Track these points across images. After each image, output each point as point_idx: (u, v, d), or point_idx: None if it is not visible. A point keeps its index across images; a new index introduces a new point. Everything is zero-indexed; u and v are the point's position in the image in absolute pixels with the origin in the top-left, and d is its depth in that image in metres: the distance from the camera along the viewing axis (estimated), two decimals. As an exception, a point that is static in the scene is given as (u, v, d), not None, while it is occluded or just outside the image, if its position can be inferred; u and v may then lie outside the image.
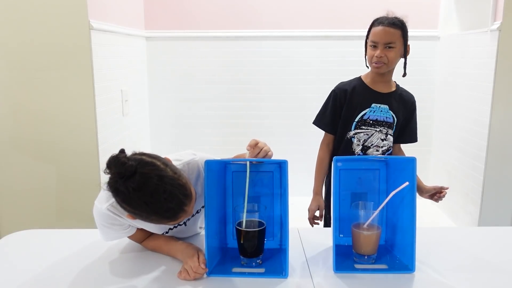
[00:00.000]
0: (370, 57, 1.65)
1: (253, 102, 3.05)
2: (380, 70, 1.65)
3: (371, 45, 1.64)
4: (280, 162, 1.12)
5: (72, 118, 2.06)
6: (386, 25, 1.61)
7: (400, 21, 1.64)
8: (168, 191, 0.93)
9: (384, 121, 1.69)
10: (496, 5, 2.24)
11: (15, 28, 1.97)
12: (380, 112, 1.68)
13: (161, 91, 3.06)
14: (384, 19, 1.64)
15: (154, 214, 0.95)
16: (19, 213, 2.14)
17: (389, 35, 1.61)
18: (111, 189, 0.94)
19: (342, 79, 1.80)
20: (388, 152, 1.72)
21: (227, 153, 1.18)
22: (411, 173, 1.08)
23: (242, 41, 2.97)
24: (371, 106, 1.68)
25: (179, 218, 0.98)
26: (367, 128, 1.69)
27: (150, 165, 0.94)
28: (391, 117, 1.69)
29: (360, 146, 1.70)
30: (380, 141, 1.69)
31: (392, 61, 1.63)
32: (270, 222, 1.18)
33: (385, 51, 1.61)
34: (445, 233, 1.37)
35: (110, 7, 2.36)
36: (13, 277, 1.07)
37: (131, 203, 0.94)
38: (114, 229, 1.11)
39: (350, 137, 1.70)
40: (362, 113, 1.69)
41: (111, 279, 1.06)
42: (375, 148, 1.69)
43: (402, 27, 1.64)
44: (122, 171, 0.91)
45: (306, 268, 1.11)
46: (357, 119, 1.69)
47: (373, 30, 1.65)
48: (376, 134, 1.68)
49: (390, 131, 1.70)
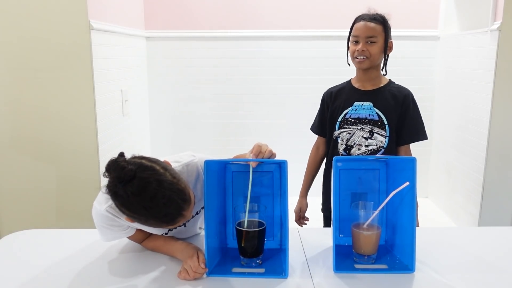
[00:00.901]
0: (352, 53, 1.63)
1: (253, 102, 3.05)
2: (362, 65, 1.62)
3: (353, 40, 1.63)
4: (280, 162, 1.12)
5: (72, 118, 2.07)
6: (367, 20, 1.61)
7: (381, 17, 1.64)
8: (167, 196, 0.93)
9: (366, 119, 1.64)
10: (496, 5, 2.24)
11: (15, 28, 1.97)
12: (363, 109, 1.65)
13: (161, 91, 3.06)
14: (365, 15, 1.65)
15: (152, 219, 0.95)
16: (19, 213, 2.14)
17: (371, 30, 1.60)
18: (110, 193, 0.94)
19: (342, 79, 1.80)
20: (380, 153, 1.66)
21: (227, 153, 1.19)
22: (411, 173, 1.08)
23: (242, 41, 2.97)
24: (354, 104, 1.66)
25: (178, 222, 0.98)
26: (349, 127, 1.66)
27: (149, 170, 0.95)
28: (376, 114, 1.63)
29: (343, 145, 1.67)
30: (362, 139, 1.64)
31: (374, 55, 1.60)
32: (270, 222, 1.18)
33: (367, 46, 1.59)
34: (445, 233, 1.37)
35: (110, 7, 2.36)
36: (13, 277, 1.07)
37: (129, 207, 0.94)
38: (113, 230, 1.11)
39: (335, 137, 1.69)
40: (344, 112, 1.67)
41: (111, 279, 1.06)
42: (357, 147, 1.65)
43: (383, 22, 1.62)
44: (121, 175, 0.91)
45: (306, 268, 1.11)
46: (340, 119, 1.67)
47: (355, 26, 1.65)
48: (357, 132, 1.65)
49: (377, 129, 1.64)
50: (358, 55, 1.60)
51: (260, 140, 1.12)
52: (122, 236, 1.16)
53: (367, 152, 1.65)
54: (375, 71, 1.66)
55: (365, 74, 1.66)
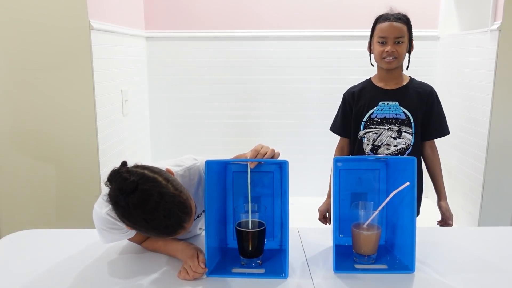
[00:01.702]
0: (379, 54, 1.63)
1: (253, 102, 3.05)
2: (391, 66, 1.63)
3: (380, 41, 1.63)
4: (281, 163, 1.12)
5: (72, 118, 2.06)
6: (393, 20, 1.62)
7: (405, 16, 1.65)
8: (168, 209, 0.93)
9: (393, 118, 1.66)
10: (496, 5, 2.24)
11: (15, 28, 1.97)
12: (389, 109, 1.66)
13: (161, 91, 3.06)
14: (389, 14, 1.64)
15: (152, 230, 0.96)
16: (19, 213, 2.14)
17: (398, 30, 1.61)
18: (111, 202, 0.95)
19: (342, 79, 1.82)
20: (408, 151, 1.67)
21: (227, 153, 1.18)
22: (411, 173, 1.08)
23: (242, 41, 2.97)
24: (379, 104, 1.67)
25: (178, 233, 0.98)
26: (375, 127, 1.67)
27: (151, 181, 0.94)
28: (402, 113, 1.65)
29: (370, 145, 1.68)
30: (391, 139, 1.66)
31: (402, 55, 1.62)
32: (270, 222, 1.18)
33: (395, 46, 1.61)
34: (445, 233, 1.37)
35: (110, 7, 2.36)
36: (13, 277, 1.07)
37: (130, 218, 0.94)
38: (114, 232, 1.11)
39: (360, 138, 1.70)
40: (369, 112, 1.68)
41: (111, 279, 1.06)
42: (385, 147, 1.67)
43: (407, 22, 1.64)
44: (123, 186, 0.91)
45: (306, 268, 1.11)
46: (365, 119, 1.68)
47: (379, 27, 1.64)
48: (385, 132, 1.66)
49: (405, 128, 1.66)
50: (387, 55, 1.61)
51: (260, 140, 1.12)
52: (122, 238, 1.16)
53: (396, 152, 1.67)
54: (399, 70, 1.68)
55: (389, 73, 1.67)
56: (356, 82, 2.65)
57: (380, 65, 1.67)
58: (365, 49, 1.74)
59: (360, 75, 2.90)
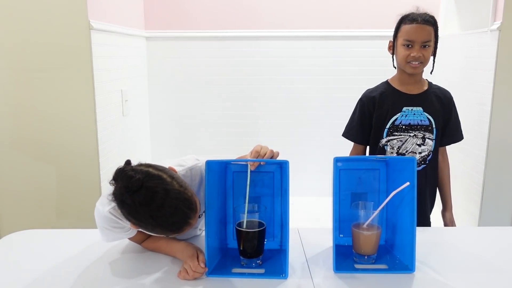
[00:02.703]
0: (404, 57, 1.52)
1: (253, 102, 3.05)
2: (417, 71, 1.53)
3: (405, 44, 1.51)
4: (281, 163, 1.12)
5: (72, 118, 2.06)
6: (420, 22, 1.50)
7: (432, 18, 1.54)
8: (174, 206, 0.94)
9: (418, 125, 1.57)
10: (496, 5, 2.24)
11: (15, 28, 1.97)
12: (413, 115, 1.57)
13: (161, 91, 3.06)
14: (416, 15, 1.52)
15: (159, 227, 0.96)
16: (19, 213, 2.13)
17: (426, 33, 1.50)
18: (116, 201, 0.96)
19: (342, 79, 1.80)
20: (429, 158, 1.60)
21: (227, 153, 1.18)
22: (411, 173, 1.08)
23: (242, 41, 2.97)
24: (402, 110, 1.57)
25: (184, 230, 0.99)
26: (400, 134, 1.57)
27: (156, 179, 0.95)
28: (426, 119, 1.57)
29: (394, 153, 1.59)
30: (416, 146, 1.57)
31: (427, 60, 1.53)
32: (270, 222, 1.18)
33: (422, 50, 1.50)
34: (445, 233, 1.37)
35: (110, 7, 2.36)
36: (13, 277, 1.07)
37: (136, 216, 0.95)
38: (115, 231, 1.11)
39: (382, 145, 1.60)
40: (393, 119, 1.57)
41: (111, 279, 1.06)
42: (410, 154, 1.58)
43: (434, 24, 1.53)
44: (129, 185, 0.92)
45: (306, 268, 1.11)
46: (388, 126, 1.58)
47: (405, 28, 1.53)
48: (410, 139, 1.57)
49: (428, 134, 1.58)
50: (414, 60, 1.51)
51: (260, 140, 1.12)
52: (123, 237, 1.16)
53: (420, 159, 1.59)
54: (421, 73, 1.59)
55: (412, 77, 1.57)
56: (356, 82, 2.64)
57: (404, 69, 1.56)
58: (364, 49, 1.73)
59: (360, 75, 2.92)
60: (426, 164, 1.61)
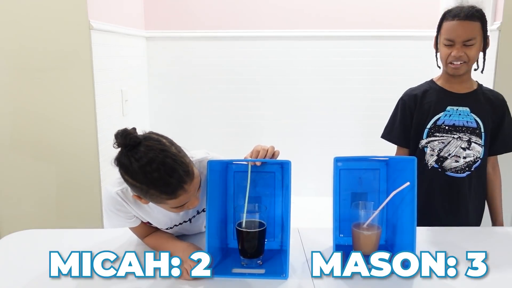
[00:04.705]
0: (445, 56, 1.41)
1: (253, 102, 3.05)
2: (459, 71, 1.41)
3: (446, 43, 1.40)
4: (283, 163, 1.12)
5: (72, 118, 2.06)
6: (462, 19, 1.36)
7: (478, 11, 1.38)
8: (169, 164, 0.95)
9: (464, 126, 1.43)
10: (496, 5, 2.24)
11: (15, 28, 1.97)
12: (459, 115, 1.44)
13: (161, 91, 3.06)
14: (459, 10, 1.38)
15: (153, 188, 0.96)
16: (19, 213, 2.13)
17: (468, 31, 1.36)
18: (116, 162, 0.98)
19: (342, 79, 1.78)
20: (476, 165, 1.46)
21: (227, 153, 1.18)
22: (411, 173, 1.08)
23: (242, 41, 2.97)
24: (446, 109, 1.44)
25: (179, 196, 0.98)
26: (442, 135, 1.44)
27: (155, 140, 0.98)
28: (474, 121, 1.43)
29: (434, 156, 1.46)
30: (460, 150, 1.44)
31: (472, 59, 1.40)
32: (271, 223, 1.18)
33: (464, 49, 1.37)
34: (445, 233, 1.37)
35: (110, 7, 2.36)
36: (13, 277, 1.07)
37: (132, 174, 0.96)
38: (119, 215, 1.12)
39: (422, 147, 1.48)
40: (435, 118, 1.45)
41: (112, 279, 1.06)
42: (453, 158, 1.45)
43: (481, 18, 1.38)
44: (127, 141, 0.95)
45: (306, 268, 1.11)
46: (430, 126, 1.46)
47: (446, 25, 1.40)
48: (454, 141, 1.44)
49: (474, 138, 1.44)
50: (454, 60, 1.39)
51: (260, 139, 1.12)
52: (126, 225, 1.17)
53: (464, 165, 1.46)
54: (468, 73, 1.46)
55: (457, 77, 1.45)
56: (356, 83, 2.63)
57: (446, 69, 1.45)
58: (366, 48, 1.71)
59: (361, 75, 2.92)
60: (471, 171, 1.47)
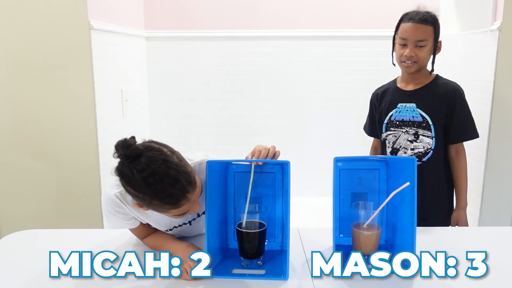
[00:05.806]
0: (399, 56, 1.57)
1: (253, 102, 3.05)
2: (410, 70, 1.56)
3: (401, 43, 1.55)
4: (283, 163, 1.12)
5: (72, 118, 2.06)
6: (416, 21, 1.51)
7: (432, 17, 1.54)
8: (172, 175, 0.95)
9: (410, 121, 1.59)
10: (496, 5, 2.24)
11: (15, 28, 1.97)
12: (406, 111, 1.60)
13: (161, 91, 3.06)
14: (414, 14, 1.54)
15: (156, 198, 0.96)
16: (19, 213, 2.13)
17: (420, 33, 1.51)
18: (117, 172, 0.97)
19: (342, 79, 1.81)
20: (428, 156, 1.59)
21: (227, 153, 1.19)
22: (411, 173, 1.08)
23: (242, 41, 2.97)
24: (397, 106, 1.62)
25: (182, 205, 0.98)
26: (394, 129, 1.63)
27: (156, 150, 0.97)
28: (419, 115, 1.58)
29: (390, 148, 1.65)
30: (407, 142, 1.60)
31: (423, 60, 1.54)
32: (271, 223, 1.18)
33: (416, 50, 1.52)
34: (445, 233, 1.37)
35: (110, 7, 2.36)
36: (13, 277, 1.07)
37: (134, 186, 0.95)
38: (118, 217, 1.12)
39: (383, 140, 1.68)
40: (389, 114, 1.64)
41: (112, 279, 1.06)
42: (403, 150, 1.61)
43: (434, 23, 1.53)
44: (128, 153, 0.93)
45: (306, 268, 1.11)
46: (386, 121, 1.64)
47: (402, 26, 1.55)
48: (402, 135, 1.60)
49: (422, 131, 1.58)
50: (406, 59, 1.54)
51: (260, 139, 1.13)
52: (125, 226, 1.17)
53: (412, 156, 1.60)
54: (422, 70, 1.60)
55: (410, 74, 1.61)
56: (356, 83, 2.65)
57: (400, 67, 1.61)
58: (366, 48, 1.74)
59: (361, 75, 2.92)
60: (422, 162, 1.60)
